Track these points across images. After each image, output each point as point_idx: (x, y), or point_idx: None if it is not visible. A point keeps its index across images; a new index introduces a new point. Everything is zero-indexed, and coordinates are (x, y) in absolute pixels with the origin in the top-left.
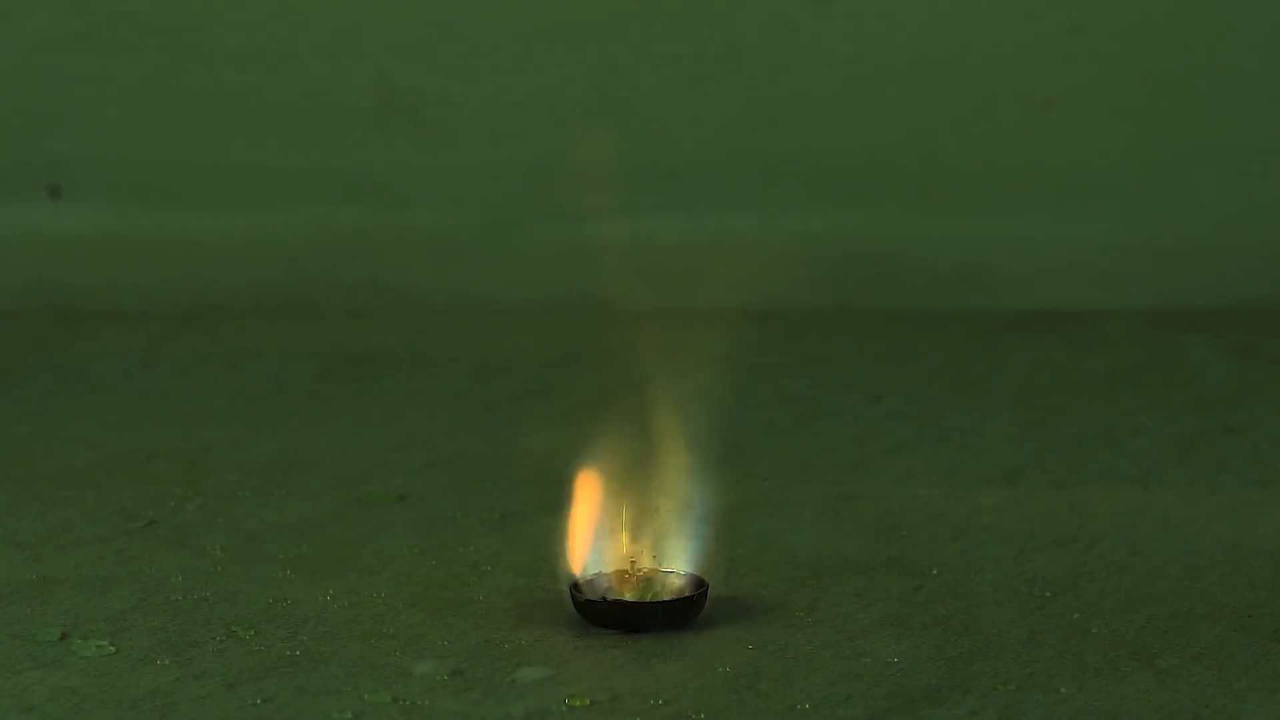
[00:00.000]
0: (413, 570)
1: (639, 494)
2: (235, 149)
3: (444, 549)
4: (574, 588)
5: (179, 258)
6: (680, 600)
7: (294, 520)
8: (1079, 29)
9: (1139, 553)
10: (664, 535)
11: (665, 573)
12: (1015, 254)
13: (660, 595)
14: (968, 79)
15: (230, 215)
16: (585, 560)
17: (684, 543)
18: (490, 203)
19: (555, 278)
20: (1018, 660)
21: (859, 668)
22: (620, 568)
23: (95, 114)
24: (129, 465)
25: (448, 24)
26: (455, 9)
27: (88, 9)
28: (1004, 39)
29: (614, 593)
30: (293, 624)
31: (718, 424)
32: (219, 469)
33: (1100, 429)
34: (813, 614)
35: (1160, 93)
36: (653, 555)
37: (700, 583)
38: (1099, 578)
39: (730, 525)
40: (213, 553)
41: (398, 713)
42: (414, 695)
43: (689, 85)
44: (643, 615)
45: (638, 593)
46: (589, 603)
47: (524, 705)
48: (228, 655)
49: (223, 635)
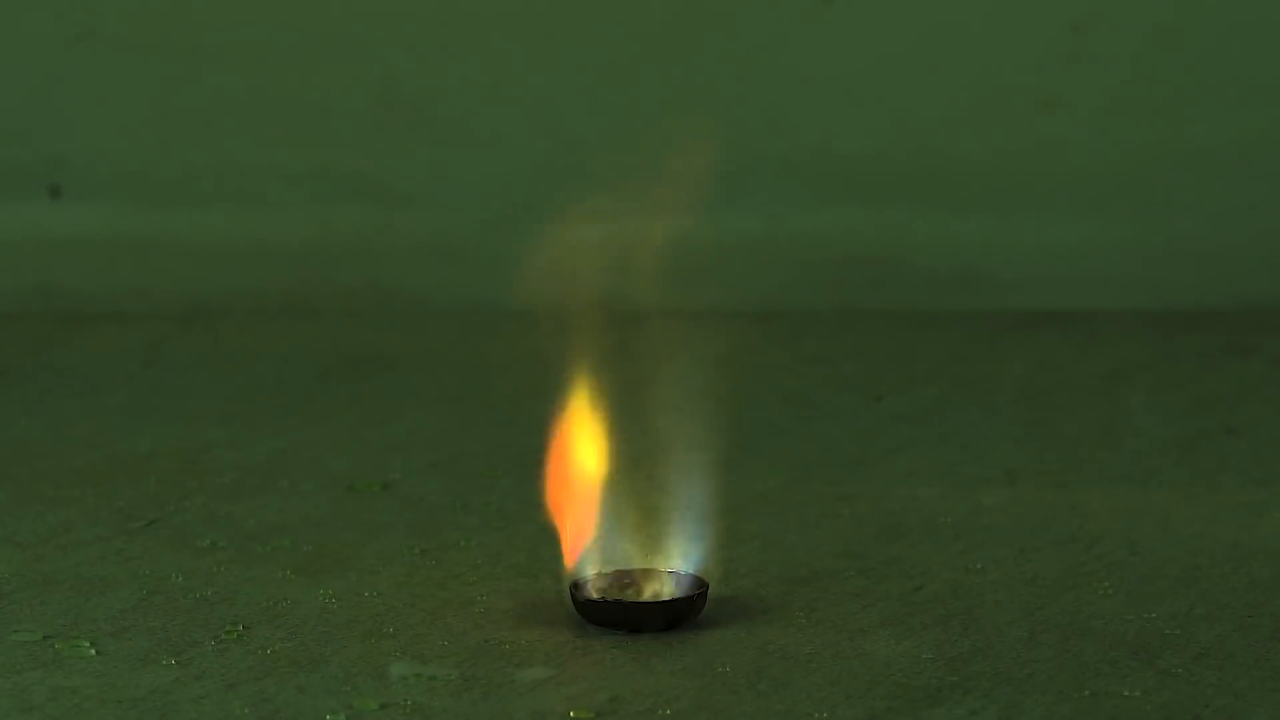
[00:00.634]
0: (413, 570)
1: (639, 494)
2: (235, 149)
3: (444, 549)
4: (574, 587)
5: (179, 258)
6: (680, 600)
7: (294, 520)
8: (1080, 30)
9: (1139, 553)
10: (664, 535)
11: (665, 573)
12: (1015, 254)
13: (660, 595)
14: (968, 80)
15: (230, 215)
16: (584, 560)
17: (684, 543)
18: (490, 203)
19: (555, 278)
20: (1018, 660)
21: (859, 668)
22: (620, 568)
23: (95, 114)
24: (129, 465)
25: (449, 25)
26: (456, 10)
27: (88, 9)
28: (1005, 40)
29: (614, 593)
30: (292, 624)
31: (718, 424)
32: (219, 469)
33: (1100, 429)
34: (813, 614)
35: (1160, 93)
36: (652, 555)
37: (700, 583)
38: (1099, 578)
39: (730, 525)
40: (213, 553)
41: (398, 713)
42: (414, 696)
43: (689, 85)
44: (643, 615)
45: (637, 593)
46: (589, 603)
47: (524, 706)
48: (227, 655)
49: (222, 635)
